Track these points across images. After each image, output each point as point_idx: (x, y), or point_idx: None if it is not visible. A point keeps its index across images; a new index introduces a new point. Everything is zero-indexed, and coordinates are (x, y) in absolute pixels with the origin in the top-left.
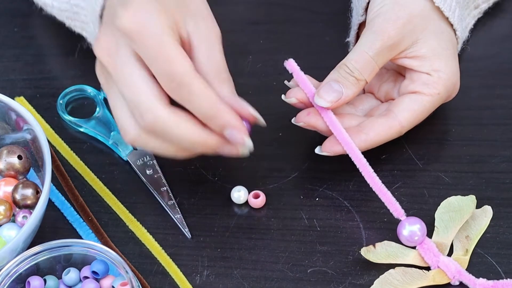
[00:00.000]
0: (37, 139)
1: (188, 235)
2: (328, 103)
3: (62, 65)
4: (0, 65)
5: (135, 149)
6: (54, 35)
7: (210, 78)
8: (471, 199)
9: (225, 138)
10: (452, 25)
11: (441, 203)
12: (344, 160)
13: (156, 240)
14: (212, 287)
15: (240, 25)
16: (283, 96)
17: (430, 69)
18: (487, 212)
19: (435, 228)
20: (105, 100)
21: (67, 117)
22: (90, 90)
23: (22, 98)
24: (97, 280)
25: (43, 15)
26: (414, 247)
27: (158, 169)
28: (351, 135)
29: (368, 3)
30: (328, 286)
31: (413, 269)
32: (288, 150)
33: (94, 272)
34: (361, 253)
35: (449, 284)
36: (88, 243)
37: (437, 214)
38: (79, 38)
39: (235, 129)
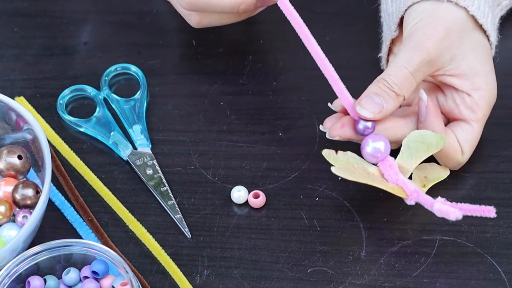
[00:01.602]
0: (37, 139)
1: (188, 235)
2: (371, 114)
3: (62, 65)
4: (0, 65)
5: (135, 148)
6: (54, 35)
7: None
8: (441, 137)
9: None
10: (485, 32)
11: (412, 132)
12: None
13: (156, 240)
14: (212, 287)
15: (240, 25)
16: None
17: (471, 88)
18: (446, 170)
19: (400, 152)
20: (105, 100)
21: (67, 117)
22: (90, 90)
23: (22, 98)
24: (97, 280)
25: (43, 15)
26: (375, 165)
27: (158, 169)
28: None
29: (401, 18)
30: (328, 286)
31: (375, 173)
32: (288, 150)
33: (94, 272)
34: (322, 153)
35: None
36: (88, 243)
37: (405, 141)
38: (82, 37)
39: None
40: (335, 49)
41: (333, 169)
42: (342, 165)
